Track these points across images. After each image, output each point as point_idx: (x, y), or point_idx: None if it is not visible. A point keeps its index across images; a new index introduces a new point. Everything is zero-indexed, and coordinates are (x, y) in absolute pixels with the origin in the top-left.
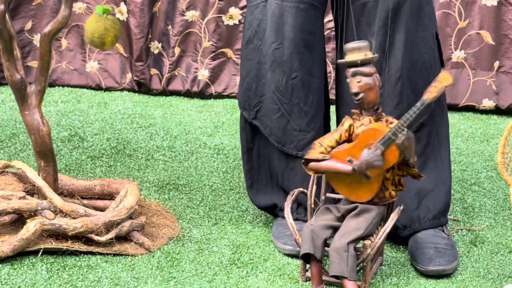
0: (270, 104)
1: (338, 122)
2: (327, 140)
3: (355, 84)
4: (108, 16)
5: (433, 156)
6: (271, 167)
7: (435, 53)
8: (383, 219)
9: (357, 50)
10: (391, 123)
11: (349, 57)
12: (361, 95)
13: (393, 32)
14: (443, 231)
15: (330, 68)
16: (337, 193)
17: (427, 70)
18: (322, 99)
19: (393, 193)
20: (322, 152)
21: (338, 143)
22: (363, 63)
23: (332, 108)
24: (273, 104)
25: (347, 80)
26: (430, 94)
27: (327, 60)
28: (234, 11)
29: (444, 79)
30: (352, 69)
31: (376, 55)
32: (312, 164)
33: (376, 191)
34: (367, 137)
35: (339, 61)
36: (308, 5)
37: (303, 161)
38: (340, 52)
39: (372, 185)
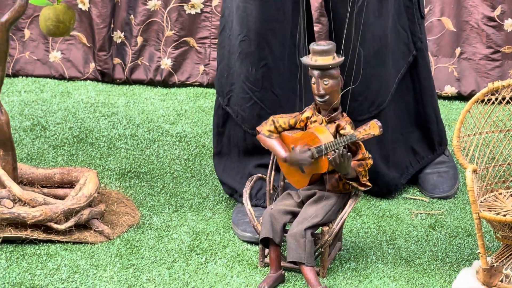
0: (240, 94)
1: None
2: (282, 121)
3: (322, 86)
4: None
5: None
6: (239, 153)
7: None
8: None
9: (326, 53)
10: (343, 128)
11: (319, 61)
12: (327, 97)
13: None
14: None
15: None
16: None
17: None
18: (292, 78)
19: (347, 186)
20: (270, 131)
21: (291, 127)
22: (333, 67)
23: None
24: (244, 93)
25: (312, 81)
26: (359, 133)
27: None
28: (195, 0)
29: (373, 128)
30: (321, 72)
31: (342, 58)
32: (260, 136)
33: (305, 185)
34: (307, 138)
35: (309, 63)
36: None
37: (256, 130)
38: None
39: (304, 178)
